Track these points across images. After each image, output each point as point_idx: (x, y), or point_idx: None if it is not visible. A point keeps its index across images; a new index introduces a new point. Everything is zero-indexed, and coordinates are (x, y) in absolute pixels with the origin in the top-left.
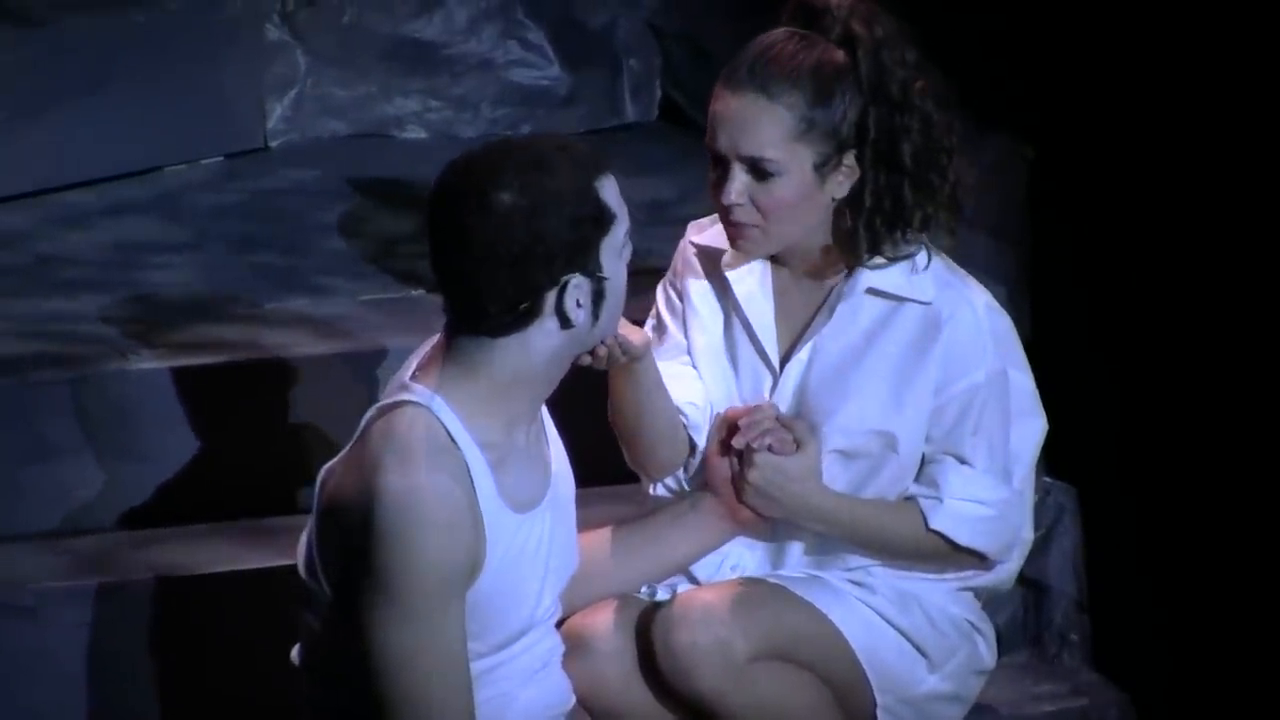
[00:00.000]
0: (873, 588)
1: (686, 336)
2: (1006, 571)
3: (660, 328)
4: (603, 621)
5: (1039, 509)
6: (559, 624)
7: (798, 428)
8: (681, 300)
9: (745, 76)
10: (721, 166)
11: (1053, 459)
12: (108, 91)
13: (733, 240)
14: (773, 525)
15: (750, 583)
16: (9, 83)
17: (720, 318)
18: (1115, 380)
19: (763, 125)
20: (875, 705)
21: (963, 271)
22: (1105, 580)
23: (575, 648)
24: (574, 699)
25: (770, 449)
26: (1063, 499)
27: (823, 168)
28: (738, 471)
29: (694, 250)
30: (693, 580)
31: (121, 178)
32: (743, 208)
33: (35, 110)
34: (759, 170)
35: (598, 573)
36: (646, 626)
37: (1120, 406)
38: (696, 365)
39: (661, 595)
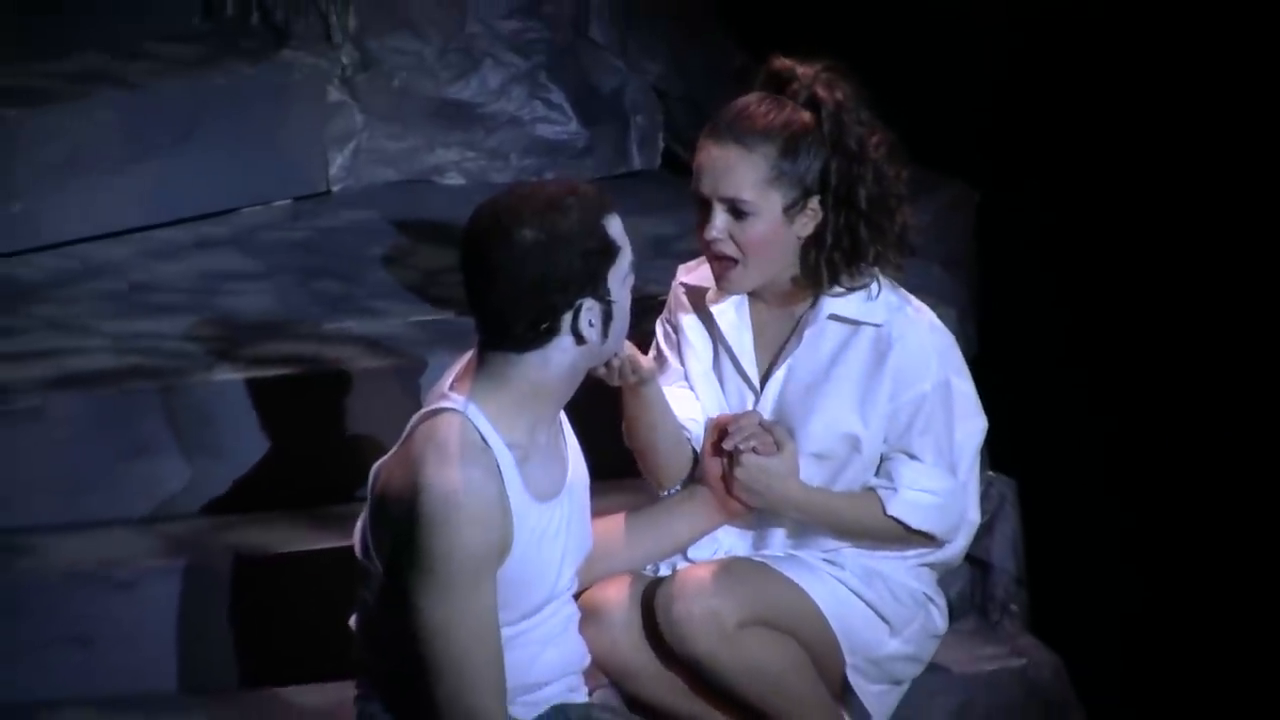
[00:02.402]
0: (842, 564)
1: (683, 364)
2: (956, 550)
3: (660, 358)
4: (615, 594)
5: (984, 499)
6: (576, 596)
7: (778, 431)
8: (676, 333)
9: (725, 131)
10: (705, 208)
11: (995, 455)
12: (194, 144)
13: (718, 280)
14: (757, 514)
15: (737, 560)
16: (112, 137)
17: (709, 346)
18: (1050, 388)
19: (740, 171)
20: (845, 665)
21: (910, 296)
22: (1040, 559)
23: (591, 616)
24: (589, 659)
25: (755, 450)
26: (1004, 490)
27: (791, 210)
28: (727, 470)
29: (683, 289)
30: (689, 561)
31: (205, 217)
32: (723, 242)
33: (133, 160)
34: (737, 210)
35: (610, 553)
36: (651, 599)
37: (1054, 411)
38: (693, 388)
39: (663, 572)
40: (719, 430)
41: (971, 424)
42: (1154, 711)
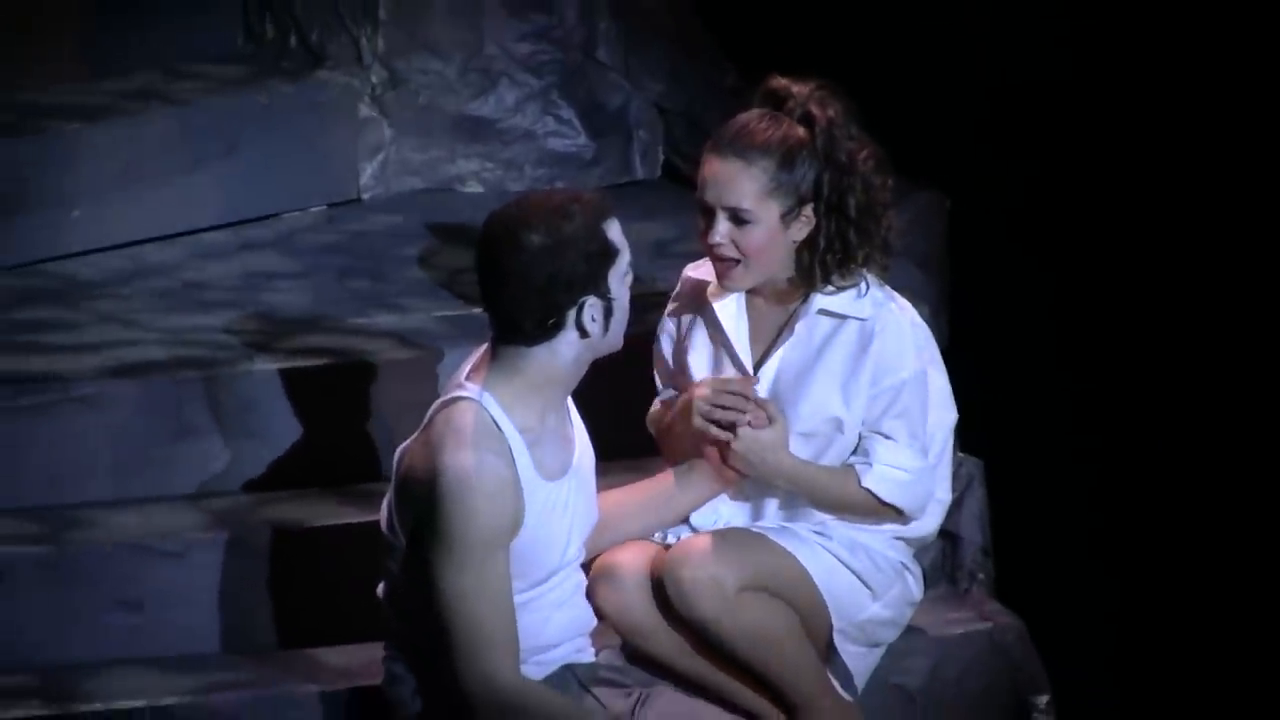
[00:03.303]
0: (830, 535)
1: (686, 357)
2: (930, 527)
3: (660, 354)
4: (628, 558)
5: (953, 478)
6: (585, 565)
7: (770, 407)
8: (678, 330)
9: (728, 146)
10: (709, 215)
11: (964, 438)
12: (238, 155)
13: (720, 278)
14: (751, 487)
15: (737, 531)
16: (163, 149)
17: (708, 339)
18: (1014, 378)
19: (742, 183)
20: (832, 629)
21: (895, 294)
22: (1004, 532)
23: (606, 578)
24: (595, 622)
25: (750, 425)
26: (972, 470)
27: (787, 217)
28: (724, 442)
29: (689, 285)
30: (693, 530)
31: (249, 221)
32: (725, 246)
33: (183, 170)
34: (738, 218)
35: (621, 520)
36: (659, 565)
37: (1018, 398)
38: (691, 377)
39: (670, 540)
40: (712, 392)
41: (943, 414)
42: (1108, 668)
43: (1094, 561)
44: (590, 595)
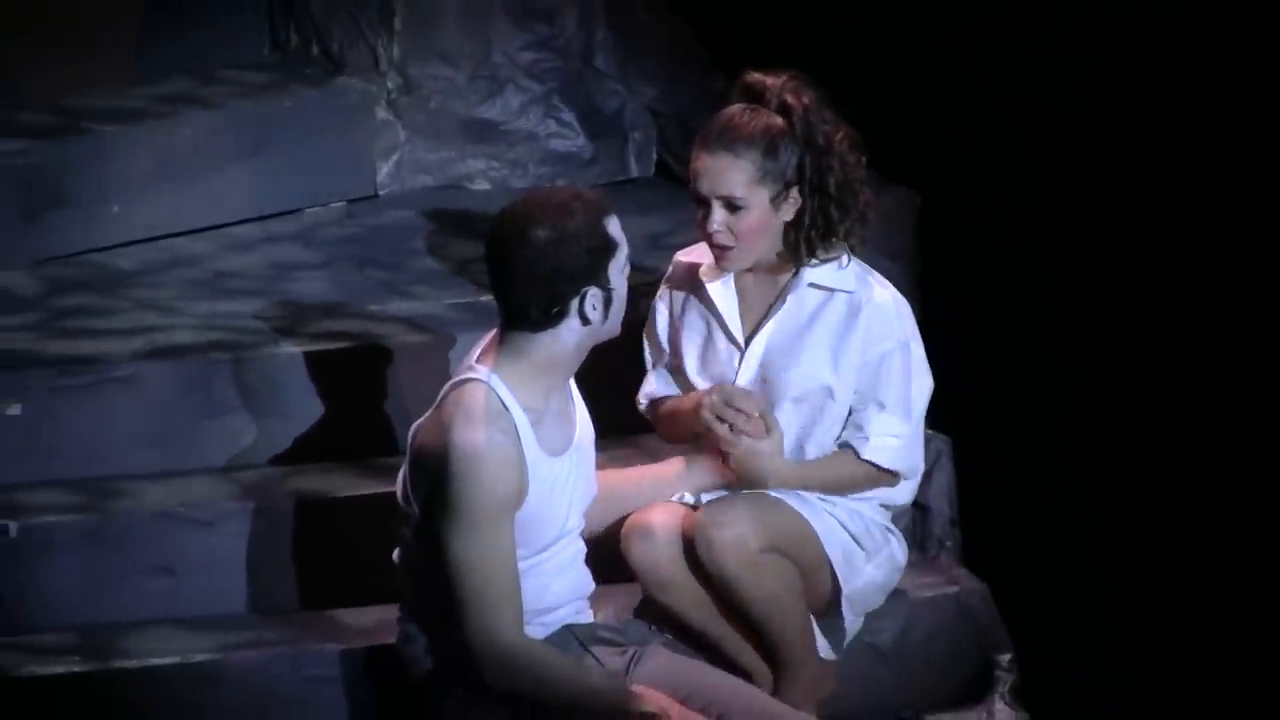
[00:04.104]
0: (834, 503)
1: (680, 335)
2: (906, 496)
3: (654, 334)
4: (661, 517)
5: (924, 453)
6: (589, 538)
7: (769, 419)
8: (669, 311)
9: (716, 141)
10: (704, 206)
11: (933, 417)
12: (264, 154)
13: (719, 262)
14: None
15: (760, 495)
16: (194, 149)
17: (702, 315)
18: (977, 362)
19: (732, 174)
20: (840, 593)
21: (871, 269)
22: (970, 503)
23: (640, 534)
24: (593, 586)
25: (748, 435)
26: (941, 445)
27: (776, 200)
28: (727, 449)
29: (682, 268)
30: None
31: (274, 216)
32: (722, 233)
33: (213, 168)
34: (731, 206)
35: (630, 496)
36: (690, 525)
37: (981, 381)
38: (685, 353)
39: (690, 500)
40: (720, 400)
41: (924, 382)
42: (1068, 629)
43: (1055, 529)
44: (623, 550)
